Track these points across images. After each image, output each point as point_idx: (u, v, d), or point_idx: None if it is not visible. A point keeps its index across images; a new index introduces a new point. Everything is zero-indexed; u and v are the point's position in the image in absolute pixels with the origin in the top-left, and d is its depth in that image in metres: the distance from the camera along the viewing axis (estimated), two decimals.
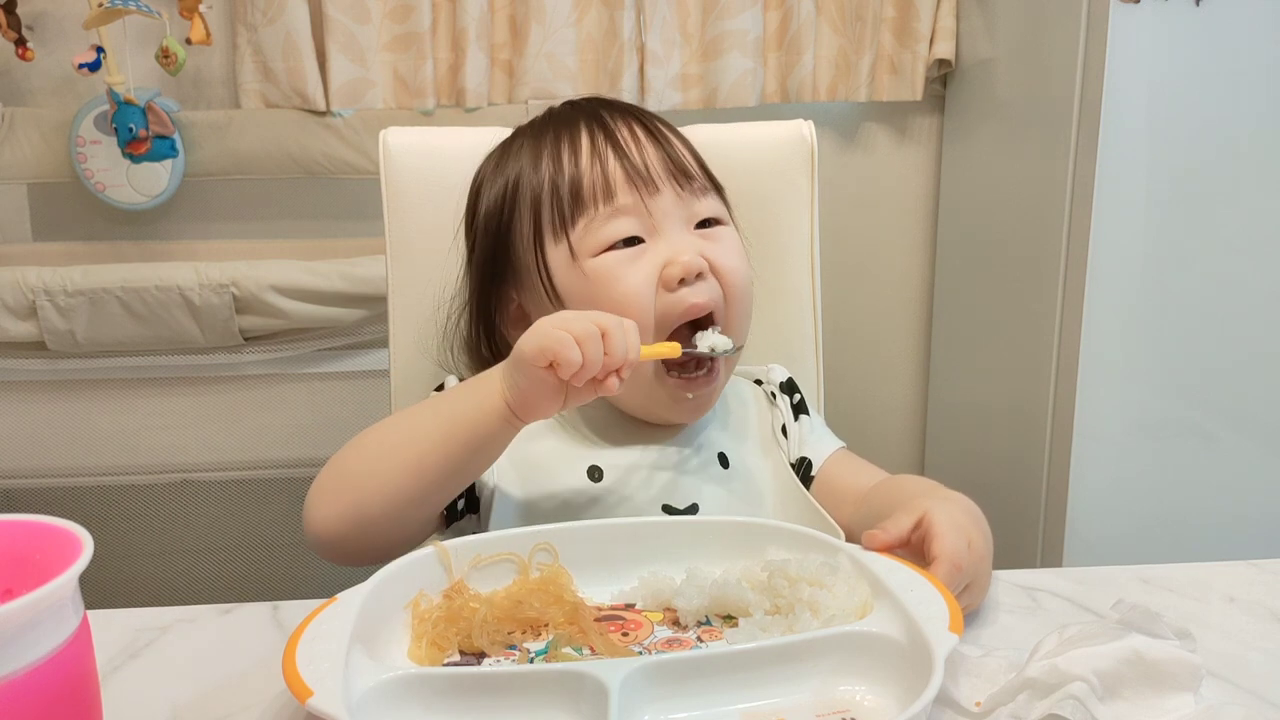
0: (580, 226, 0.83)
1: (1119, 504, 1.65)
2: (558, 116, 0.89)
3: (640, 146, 0.85)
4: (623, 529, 0.73)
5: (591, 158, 0.84)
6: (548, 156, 0.85)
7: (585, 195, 0.83)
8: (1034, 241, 1.69)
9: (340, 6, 1.82)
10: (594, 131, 0.86)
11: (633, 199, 0.83)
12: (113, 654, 0.65)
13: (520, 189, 0.86)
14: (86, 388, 1.59)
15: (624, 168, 0.83)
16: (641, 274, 0.81)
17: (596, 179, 0.83)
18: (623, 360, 0.70)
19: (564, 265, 0.83)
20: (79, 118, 1.78)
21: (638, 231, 0.83)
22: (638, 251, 0.82)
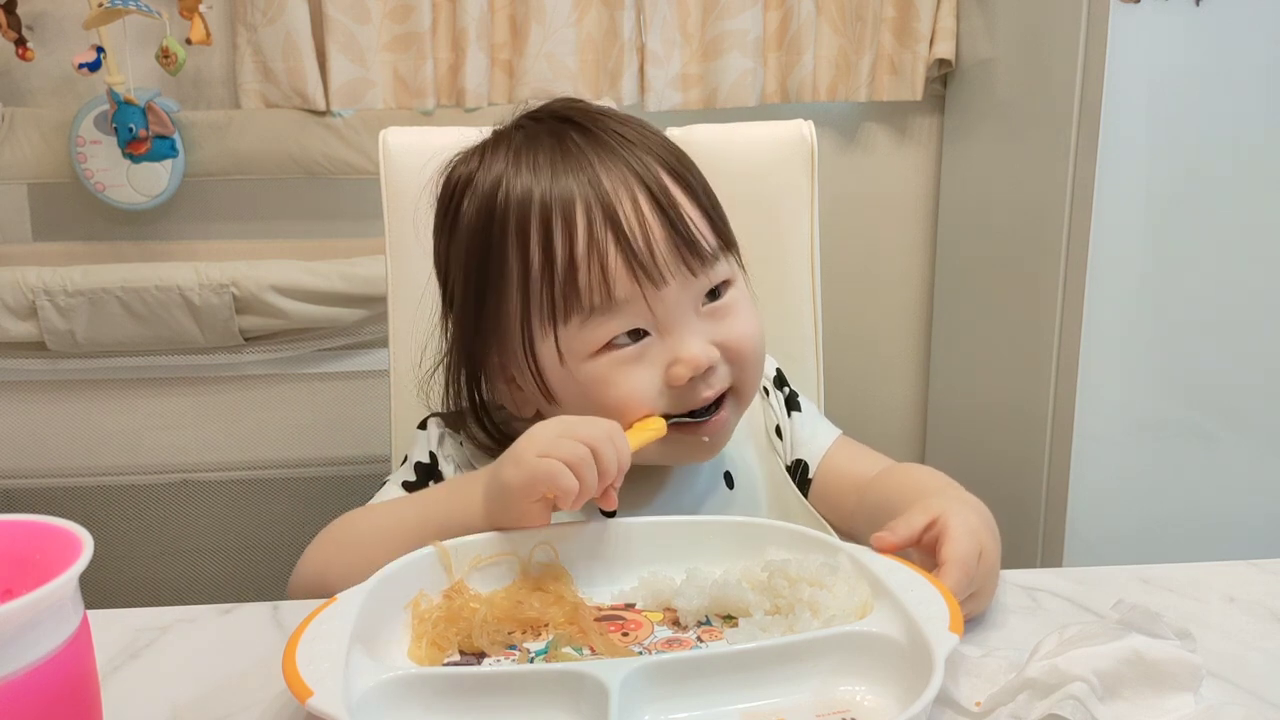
0: (574, 324, 0.74)
1: (1119, 504, 1.65)
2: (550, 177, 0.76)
3: (645, 226, 0.74)
4: (623, 529, 0.72)
5: (589, 246, 0.73)
6: (537, 236, 0.74)
7: (580, 291, 0.73)
8: (1034, 241, 1.69)
9: (340, 6, 1.82)
10: (591, 210, 0.74)
11: (634, 292, 0.73)
12: (113, 654, 0.65)
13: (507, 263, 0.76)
14: (86, 388, 1.59)
15: (625, 258, 0.73)
16: (645, 376, 0.75)
17: (594, 274, 0.73)
18: (617, 473, 0.67)
19: (553, 365, 0.76)
20: (79, 118, 1.78)
21: (640, 324, 0.75)
22: (640, 350, 0.75)
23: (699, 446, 0.79)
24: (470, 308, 0.79)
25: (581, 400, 0.76)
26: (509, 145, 0.79)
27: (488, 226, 0.77)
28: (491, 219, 0.76)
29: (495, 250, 0.76)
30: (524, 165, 0.77)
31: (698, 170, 0.81)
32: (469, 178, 0.79)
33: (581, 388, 0.76)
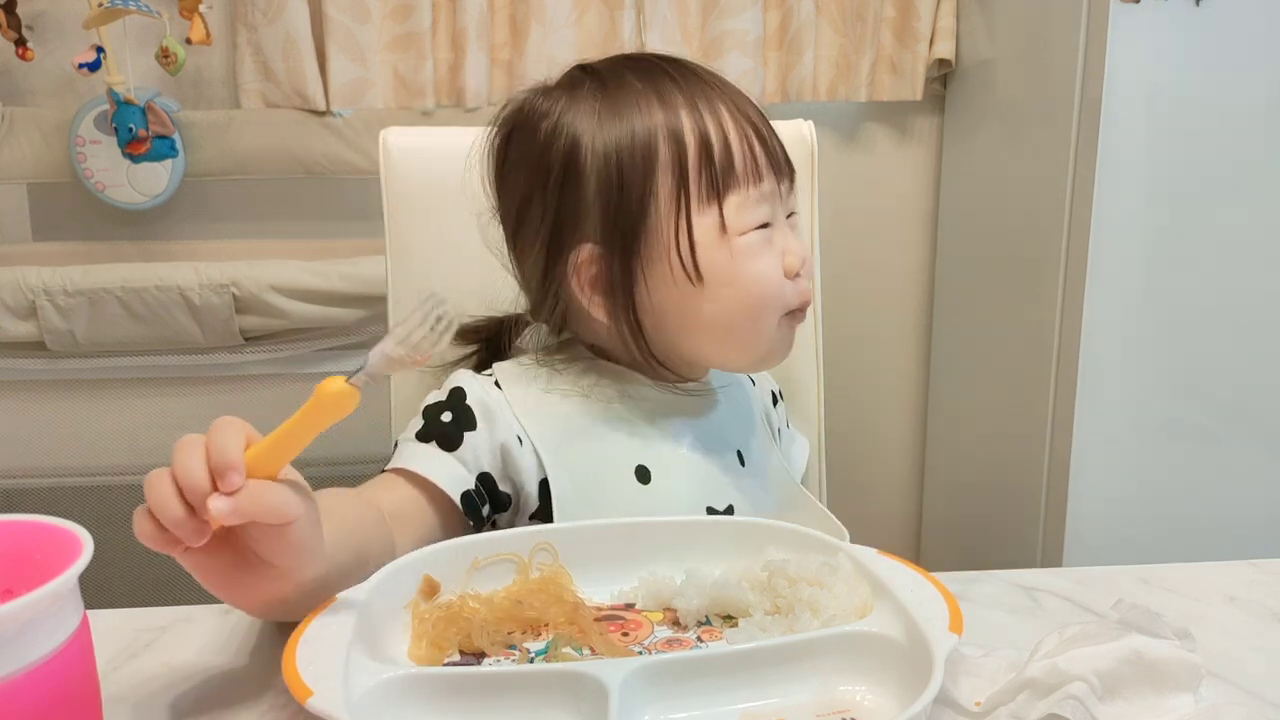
0: (733, 202, 0.80)
1: (1119, 504, 1.65)
2: (672, 73, 0.83)
3: (769, 131, 0.83)
4: (623, 529, 0.72)
5: (740, 133, 0.81)
6: (689, 117, 0.80)
7: (739, 171, 0.80)
8: (1034, 241, 1.69)
9: (340, 6, 1.82)
10: (729, 104, 0.82)
11: (771, 186, 0.81)
12: (113, 654, 0.65)
13: (655, 146, 0.80)
14: (86, 388, 1.59)
15: (766, 151, 0.82)
16: (773, 261, 0.81)
17: (748, 156, 0.80)
18: (223, 458, 0.55)
19: (712, 238, 0.80)
20: (79, 118, 1.78)
21: (768, 218, 0.81)
22: (766, 236, 0.81)
23: (787, 343, 0.85)
24: (612, 203, 0.80)
25: (728, 277, 0.80)
26: (621, 70, 0.84)
27: (628, 126, 0.80)
28: (615, 97, 0.81)
29: (641, 144, 0.80)
30: (640, 73, 0.83)
31: None
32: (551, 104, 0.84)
33: (733, 259, 0.80)
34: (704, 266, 0.80)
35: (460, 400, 0.81)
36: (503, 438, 0.80)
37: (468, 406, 0.81)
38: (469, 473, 0.79)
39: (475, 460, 0.79)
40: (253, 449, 0.56)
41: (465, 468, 0.79)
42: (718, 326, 0.82)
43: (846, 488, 2.08)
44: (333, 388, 0.57)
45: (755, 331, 0.82)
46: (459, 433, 0.79)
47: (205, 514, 0.54)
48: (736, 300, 0.80)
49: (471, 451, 0.79)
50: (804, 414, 1.06)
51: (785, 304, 0.82)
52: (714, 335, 0.82)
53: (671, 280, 0.80)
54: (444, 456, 0.78)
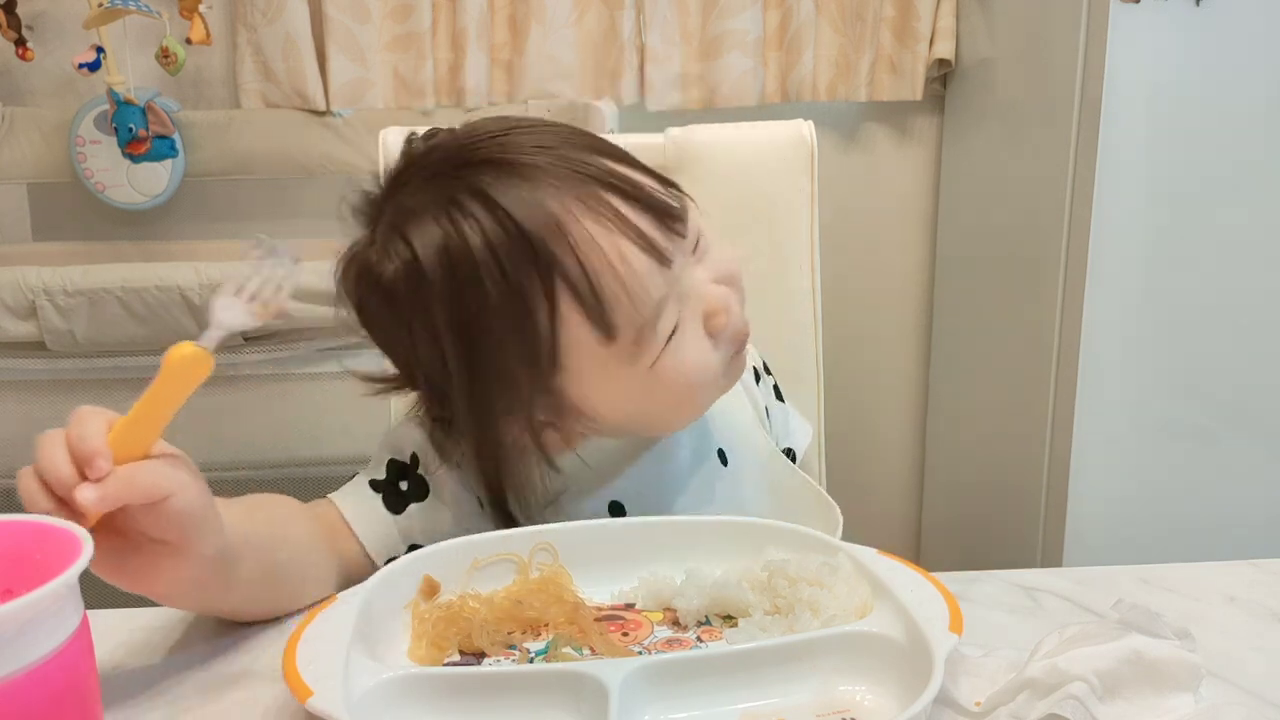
0: (626, 343, 0.70)
1: (1119, 504, 1.65)
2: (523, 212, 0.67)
3: (640, 187, 0.70)
4: (623, 529, 0.72)
5: (615, 242, 0.68)
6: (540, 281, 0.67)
7: (622, 309, 0.68)
8: (1034, 241, 1.69)
9: (340, 6, 1.82)
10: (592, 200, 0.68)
11: (659, 282, 0.70)
12: (113, 654, 0.65)
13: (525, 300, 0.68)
14: (86, 388, 1.59)
15: (643, 247, 0.68)
16: (698, 345, 0.73)
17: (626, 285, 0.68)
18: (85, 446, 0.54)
19: (611, 388, 0.72)
20: (79, 118, 1.78)
21: (676, 307, 0.72)
22: (681, 328, 0.72)
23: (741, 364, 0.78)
24: (475, 367, 0.71)
25: (654, 400, 0.74)
26: (426, 209, 0.71)
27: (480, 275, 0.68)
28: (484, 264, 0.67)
29: (497, 298, 0.68)
30: (466, 218, 0.68)
31: (609, 140, 0.76)
32: (411, 260, 0.70)
33: (655, 392, 0.73)
34: (628, 408, 0.74)
35: (416, 467, 0.79)
36: (456, 510, 0.78)
37: (420, 476, 0.79)
38: (401, 541, 0.77)
39: (408, 532, 0.78)
40: (114, 431, 0.55)
41: (399, 535, 0.77)
42: (673, 424, 0.79)
43: (846, 488, 2.07)
44: (182, 352, 0.55)
45: (709, 400, 0.78)
46: (406, 502, 0.78)
47: (74, 504, 0.53)
48: (680, 407, 0.76)
49: (409, 523, 0.78)
50: (804, 413, 1.06)
51: (724, 360, 0.76)
52: (676, 425, 0.79)
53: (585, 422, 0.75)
54: (384, 516, 0.77)
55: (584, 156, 0.70)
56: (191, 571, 0.59)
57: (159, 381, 0.56)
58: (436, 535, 0.76)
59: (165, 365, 0.56)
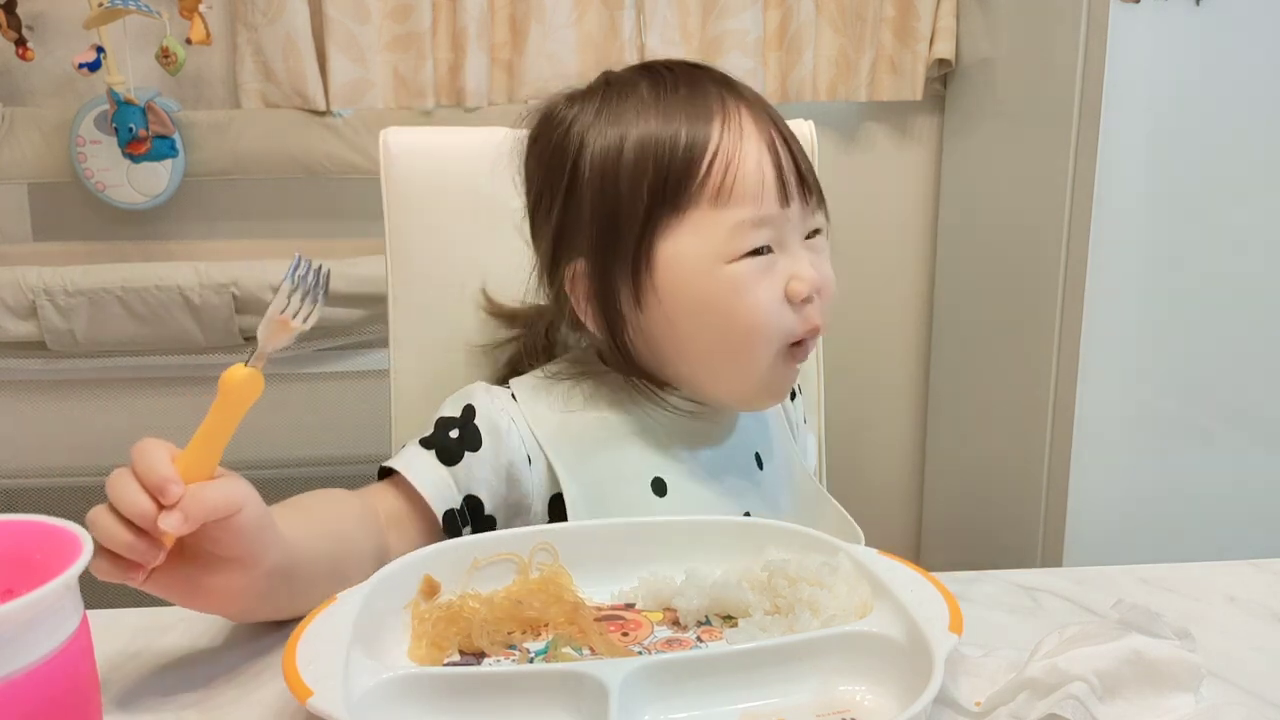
0: (723, 223, 0.76)
1: (1119, 504, 1.65)
2: (688, 81, 0.80)
3: (787, 148, 0.79)
4: (623, 529, 0.72)
5: (750, 150, 0.77)
6: (689, 130, 0.77)
7: (734, 191, 0.76)
8: (1034, 241, 1.69)
9: (340, 6, 1.82)
10: (750, 119, 0.78)
11: (776, 209, 0.77)
12: (113, 654, 0.65)
13: (643, 159, 0.77)
14: (86, 388, 1.59)
15: (776, 171, 0.77)
16: (771, 288, 0.77)
17: (750, 176, 0.76)
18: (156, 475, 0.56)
19: (696, 261, 0.77)
20: (79, 118, 1.78)
21: (769, 241, 0.77)
22: (768, 262, 0.77)
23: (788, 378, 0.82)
24: (600, 216, 0.78)
25: (705, 306, 0.77)
26: (639, 77, 0.81)
27: (619, 136, 0.78)
28: (623, 126, 0.78)
29: (629, 157, 0.77)
30: (654, 77, 0.81)
31: None
32: (565, 113, 0.81)
33: (719, 288, 0.77)
34: (685, 292, 0.77)
35: (470, 419, 0.81)
36: (509, 458, 0.80)
37: (475, 426, 0.80)
38: (458, 492, 0.78)
39: (468, 481, 0.79)
40: (181, 458, 0.58)
41: (456, 486, 0.78)
42: (707, 355, 0.79)
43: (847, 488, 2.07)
44: (237, 376, 0.59)
45: (747, 365, 0.79)
46: (460, 450, 0.79)
47: (158, 534, 0.56)
48: (724, 330, 0.78)
49: (466, 471, 0.79)
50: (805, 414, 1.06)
51: (785, 334, 0.78)
52: (702, 365, 0.80)
53: (657, 301, 0.78)
54: (439, 469, 0.78)
55: (771, 110, 0.81)
56: (260, 584, 0.62)
57: (217, 405, 0.59)
58: (492, 486, 0.79)
59: (221, 389, 0.59)
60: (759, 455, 0.87)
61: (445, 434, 0.80)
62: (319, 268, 0.61)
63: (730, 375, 0.80)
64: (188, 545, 0.59)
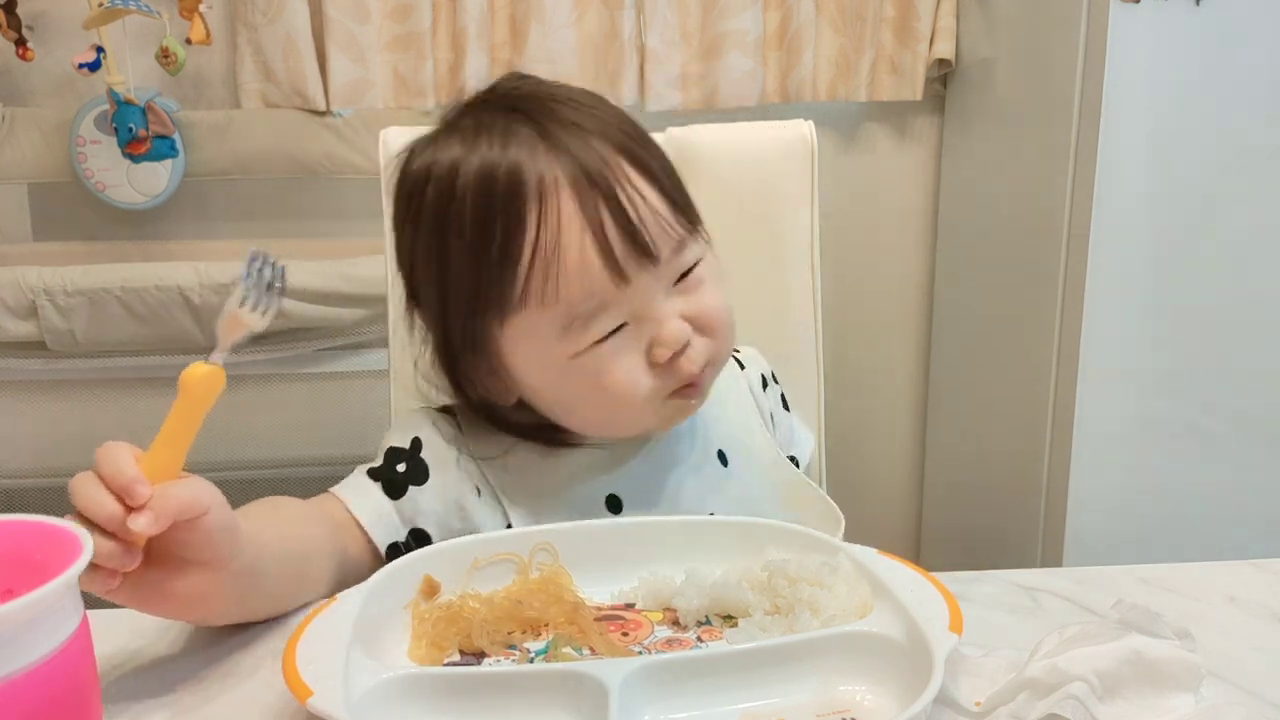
0: (558, 326, 0.73)
1: (1119, 504, 1.65)
2: (501, 139, 0.73)
3: (619, 209, 0.72)
4: (623, 529, 0.72)
5: (576, 237, 0.71)
6: (500, 215, 0.71)
7: (564, 292, 0.71)
8: (1034, 242, 1.69)
9: (340, 6, 1.82)
10: (560, 190, 0.71)
11: (612, 291, 0.72)
12: (113, 654, 0.65)
13: (461, 244, 0.73)
14: (86, 388, 1.59)
15: (604, 257, 0.71)
16: (631, 362, 0.74)
17: (572, 272, 0.71)
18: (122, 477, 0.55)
19: (536, 359, 0.75)
20: (79, 118, 1.78)
21: (618, 319, 0.73)
22: (621, 341, 0.74)
23: (686, 409, 0.79)
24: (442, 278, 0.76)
25: (567, 391, 0.76)
26: (462, 132, 0.76)
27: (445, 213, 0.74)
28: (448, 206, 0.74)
29: (450, 242, 0.74)
30: (481, 149, 0.74)
31: (654, 146, 0.79)
32: (427, 166, 0.76)
33: (572, 380, 0.75)
34: (542, 379, 0.76)
35: (416, 452, 0.80)
36: (456, 491, 0.79)
37: (421, 459, 0.79)
38: (402, 525, 0.78)
39: (413, 515, 0.78)
40: (145, 459, 0.57)
41: (400, 520, 0.78)
42: (586, 418, 0.79)
43: (846, 488, 2.07)
44: (197, 373, 0.58)
45: (632, 420, 0.78)
46: (405, 484, 0.79)
47: (129, 535, 0.55)
48: (595, 403, 0.76)
49: (412, 506, 0.78)
50: (804, 415, 1.06)
51: (660, 393, 0.76)
52: (586, 424, 0.79)
53: (512, 380, 0.77)
54: (384, 503, 0.78)
55: (605, 153, 0.73)
56: (227, 586, 0.62)
57: (178, 404, 0.58)
58: (440, 518, 0.78)
59: (182, 387, 0.58)
60: (722, 453, 0.86)
61: (392, 467, 0.79)
62: (275, 263, 0.61)
63: (620, 426, 0.79)
64: (154, 550, 0.58)
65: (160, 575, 0.59)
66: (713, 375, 0.80)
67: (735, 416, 0.89)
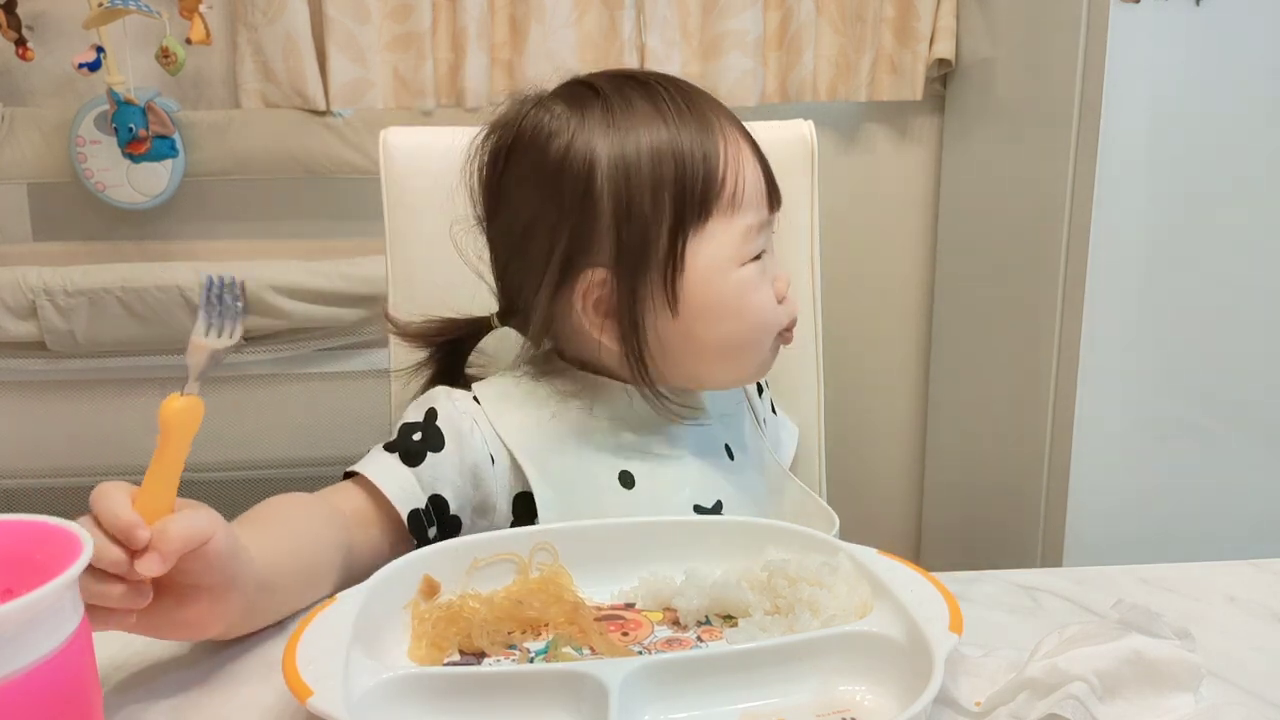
0: (737, 230, 0.80)
1: (1119, 504, 1.65)
2: (674, 94, 0.83)
3: (764, 159, 0.84)
4: (623, 529, 0.73)
5: (744, 160, 0.82)
6: (695, 142, 0.80)
7: (744, 200, 0.81)
8: (1034, 242, 1.69)
9: (340, 6, 1.82)
10: (732, 130, 0.83)
11: (768, 215, 0.83)
12: (113, 654, 0.65)
13: (664, 169, 0.79)
14: (86, 388, 1.59)
15: (766, 180, 0.83)
16: (767, 288, 0.83)
17: (754, 187, 0.82)
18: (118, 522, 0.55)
19: (715, 266, 0.80)
20: (79, 118, 1.78)
21: (764, 246, 0.83)
22: (762, 265, 0.83)
23: (775, 358, 0.87)
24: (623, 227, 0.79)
25: (717, 307, 0.81)
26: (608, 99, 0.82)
27: (638, 148, 0.79)
28: (619, 110, 0.80)
29: (650, 168, 0.79)
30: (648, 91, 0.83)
31: None
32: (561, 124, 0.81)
33: (729, 289, 0.80)
34: (705, 296, 0.80)
35: (432, 421, 0.81)
36: (473, 459, 0.80)
37: (437, 427, 0.81)
38: (422, 492, 0.79)
39: (432, 482, 0.79)
40: (139, 498, 0.58)
41: (420, 486, 0.79)
42: (720, 351, 0.83)
43: (846, 488, 2.08)
44: (174, 406, 0.59)
45: (753, 355, 0.84)
46: (423, 451, 0.80)
47: (137, 577, 0.56)
48: (739, 329, 0.82)
49: (431, 472, 0.79)
50: (804, 414, 1.06)
51: (778, 327, 0.85)
52: (715, 360, 0.83)
53: (680, 306, 0.80)
54: (402, 470, 0.79)
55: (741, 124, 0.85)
56: (239, 604, 0.62)
57: (162, 439, 0.59)
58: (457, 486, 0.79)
59: (163, 422, 0.58)
60: (729, 447, 0.88)
61: (408, 437, 0.80)
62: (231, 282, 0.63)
63: (736, 366, 0.85)
64: (161, 581, 0.58)
65: (170, 604, 0.60)
66: None
67: (739, 418, 0.92)
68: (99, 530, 0.56)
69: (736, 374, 0.86)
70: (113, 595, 0.55)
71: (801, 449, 1.05)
